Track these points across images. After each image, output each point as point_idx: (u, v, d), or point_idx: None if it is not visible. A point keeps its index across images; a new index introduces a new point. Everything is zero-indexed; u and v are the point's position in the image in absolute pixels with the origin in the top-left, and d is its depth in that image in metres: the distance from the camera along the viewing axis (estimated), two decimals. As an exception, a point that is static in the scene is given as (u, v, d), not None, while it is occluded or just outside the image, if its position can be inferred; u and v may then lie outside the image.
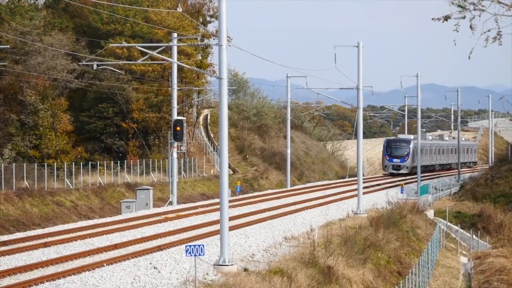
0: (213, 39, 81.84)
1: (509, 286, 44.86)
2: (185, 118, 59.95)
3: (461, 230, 64.00)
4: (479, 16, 18.28)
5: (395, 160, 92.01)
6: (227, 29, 28.63)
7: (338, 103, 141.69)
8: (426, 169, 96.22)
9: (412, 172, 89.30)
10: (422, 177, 78.48)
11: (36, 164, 62.78)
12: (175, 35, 56.59)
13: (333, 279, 30.91)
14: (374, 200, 59.88)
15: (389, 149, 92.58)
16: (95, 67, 48.57)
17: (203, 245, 26.09)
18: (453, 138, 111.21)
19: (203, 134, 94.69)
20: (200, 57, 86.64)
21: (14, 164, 59.76)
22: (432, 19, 18.89)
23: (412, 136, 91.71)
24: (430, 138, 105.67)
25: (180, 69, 68.94)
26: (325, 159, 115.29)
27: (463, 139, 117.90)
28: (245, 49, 36.86)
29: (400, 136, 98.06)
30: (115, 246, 32.69)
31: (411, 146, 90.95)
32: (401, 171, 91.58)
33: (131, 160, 74.94)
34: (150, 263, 28.04)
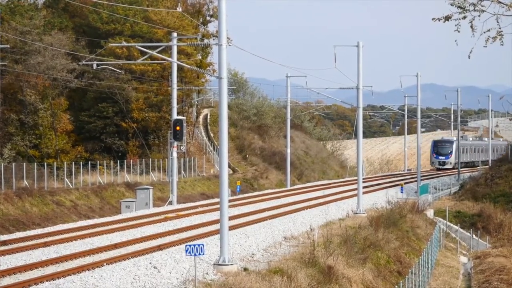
0: (213, 39, 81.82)
1: (509, 285, 44.81)
2: (185, 117, 59.93)
3: (461, 230, 63.99)
4: (479, 16, 18.27)
5: (440, 157, 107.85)
6: (227, 29, 28.64)
7: (338, 103, 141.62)
8: (467, 165, 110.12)
9: (455, 167, 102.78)
10: (425, 175, 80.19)
11: (36, 163, 62.75)
12: (175, 34, 56.58)
13: (333, 278, 30.90)
14: (374, 199, 59.83)
15: (436, 148, 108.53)
16: (94, 66, 48.56)
17: (203, 245, 26.10)
18: (492, 139, 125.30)
19: (203, 133, 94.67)
20: (200, 57, 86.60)
21: (14, 164, 59.72)
22: (433, 19, 18.89)
23: (455, 138, 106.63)
24: (471, 139, 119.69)
25: (180, 68, 68.92)
26: (325, 159, 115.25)
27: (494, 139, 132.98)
28: (245, 49, 36.89)
29: (445, 137, 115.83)
30: (115, 246, 32.70)
31: (454, 145, 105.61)
32: (445, 166, 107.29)
33: (131, 160, 74.95)
34: (150, 263, 28.03)
